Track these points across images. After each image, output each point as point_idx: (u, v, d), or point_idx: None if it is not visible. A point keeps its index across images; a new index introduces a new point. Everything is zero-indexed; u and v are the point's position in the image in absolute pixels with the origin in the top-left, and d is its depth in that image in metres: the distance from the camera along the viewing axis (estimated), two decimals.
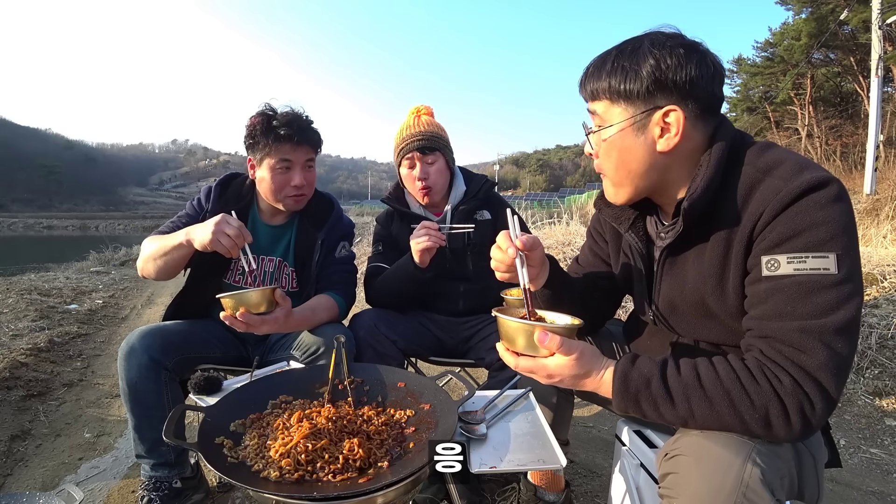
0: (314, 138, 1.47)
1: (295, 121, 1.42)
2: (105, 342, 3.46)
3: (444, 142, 1.63)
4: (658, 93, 0.77)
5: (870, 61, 10.31)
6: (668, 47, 0.77)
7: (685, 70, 0.76)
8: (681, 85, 0.76)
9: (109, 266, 8.36)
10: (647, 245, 0.95)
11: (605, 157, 0.86)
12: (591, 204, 6.41)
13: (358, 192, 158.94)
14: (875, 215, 5.30)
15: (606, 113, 0.83)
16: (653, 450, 0.92)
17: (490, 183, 1.70)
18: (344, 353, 1.05)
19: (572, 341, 0.75)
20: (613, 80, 0.80)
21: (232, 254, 1.24)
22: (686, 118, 0.77)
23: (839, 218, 0.69)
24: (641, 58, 0.77)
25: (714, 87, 0.79)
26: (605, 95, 0.82)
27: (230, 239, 1.22)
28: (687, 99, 0.77)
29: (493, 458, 0.86)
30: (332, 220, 1.58)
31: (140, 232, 31.31)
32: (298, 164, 1.44)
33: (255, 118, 1.43)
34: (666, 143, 0.79)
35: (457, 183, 1.68)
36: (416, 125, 1.62)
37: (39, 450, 1.85)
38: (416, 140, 1.59)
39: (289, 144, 1.41)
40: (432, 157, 1.59)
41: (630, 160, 0.83)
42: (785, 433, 0.66)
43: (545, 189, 68.95)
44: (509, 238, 0.87)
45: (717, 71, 0.79)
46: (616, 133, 0.82)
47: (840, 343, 0.67)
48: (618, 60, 0.80)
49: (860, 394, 2.29)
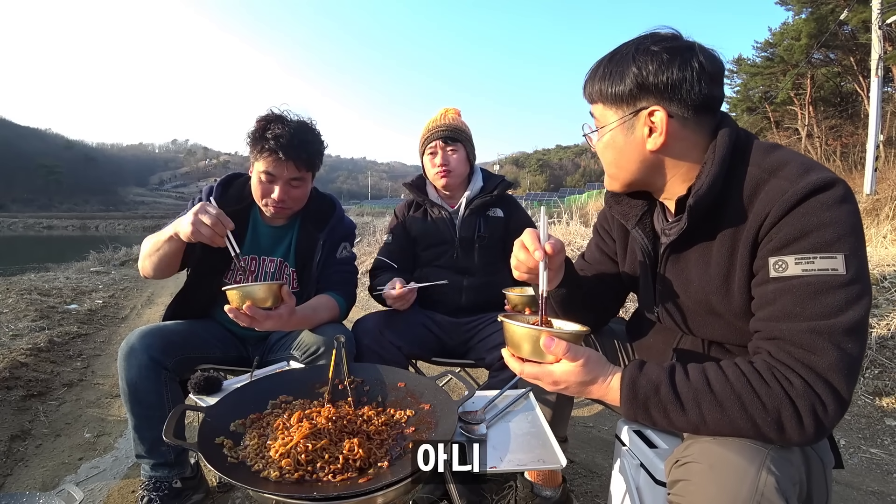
0: (304, 157, 1.40)
1: (286, 136, 1.36)
2: (105, 342, 3.46)
3: (466, 135, 1.74)
4: (641, 95, 0.81)
5: (870, 61, 10.31)
6: (650, 52, 0.80)
7: (665, 73, 0.79)
8: (661, 87, 0.79)
9: (109, 266, 8.37)
10: (654, 242, 0.96)
11: (602, 154, 0.91)
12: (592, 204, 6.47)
13: (358, 192, 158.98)
14: (875, 215, 5.30)
15: (602, 115, 0.88)
16: (653, 450, 0.92)
17: (507, 183, 1.80)
18: (344, 353, 1.05)
19: (579, 347, 0.74)
20: (604, 84, 0.85)
21: (215, 242, 1.22)
22: (672, 118, 0.80)
23: (846, 218, 0.69)
24: (626, 64, 0.82)
25: (703, 87, 0.79)
26: (599, 99, 0.87)
27: (209, 228, 1.20)
28: (670, 100, 0.80)
29: (493, 458, 0.87)
30: (334, 221, 1.58)
31: (140, 232, 31.31)
32: (281, 179, 1.41)
33: (258, 120, 1.43)
34: (653, 143, 0.82)
35: (475, 178, 1.78)
36: (443, 118, 1.74)
37: (39, 450, 1.85)
38: (440, 130, 1.70)
39: (273, 158, 1.37)
40: (454, 146, 1.70)
41: (622, 158, 0.88)
42: (798, 436, 0.65)
43: (545, 189, 68.93)
44: (537, 240, 0.83)
45: (706, 71, 0.79)
46: (609, 134, 0.87)
47: (850, 343, 0.66)
48: (608, 66, 0.85)
49: (860, 394, 2.29)
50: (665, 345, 0.98)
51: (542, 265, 0.82)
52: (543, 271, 0.82)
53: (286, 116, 1.44)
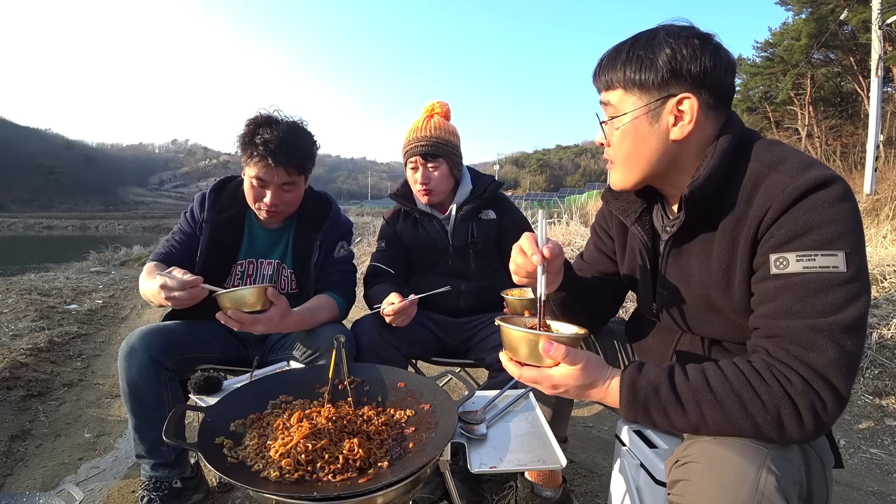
0: (295, 162, 1.38)
1: (275, 141, 1.34)
2: (105, 342, 3.45)
3: (449, 147, 1.62)
4: (673, 81, 0.79)
5: (870, 61, 10.31)
6: (683, 38, 0.78)
7: (700, 60, 0.77)
8: (696, 74, 0.78)
9: (109, 266, 8.37)
10: (654, 239, 0.95)
11: (618, 145, 0.86)
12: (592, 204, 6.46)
13: (358, 191, 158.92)
14: (875, 215, 5.30)
15: (620, 102, 0.84)
16: (653, 450, 0.92)
17: (497, 183, 1.73)
18: (344, 353, 1.05)
19: (578, 350, 0.74)
20: (629, 69, 0.81)
21: (196, 301, 1.22)
22: (700, 107, 0.79)
23: (847, 216, 0.69)
24: (657, 47, 0.79)
25: (727, 78, 0.80)
26: (620, 85, 0.83)
27: (187, 301, 1.20)
28: (701, 88, 0.78)
29: (493, 458, 0.87)
30: (331, 220, 1.57)
31: (140, 232, 31.28)
32: (273, 185, 1.39)
33: (248, 123, 1.40)
34: (680, 131, 0.80)
35: (463, 182, 1.70)
36: (425, 128, 1.62)
37: (39, 450, 1.85)
38: (420, 145, 1.60)
39: (263, 164, 1.35)
40: (434, 163, 1.61)
41: (642, 148, 0.84)
42: (798, 433, 0.65)
43: (545, 189, 68.94)
44: (535, 244, 0.83)
45: (729, 62, 0.80)
46: (630, 121, 0.83)
47: (849, 341, 0.66)
48: (633, 50, 0.81)
49: (860, 394, 2.29)
50: (665, 345, 0.98)
51: (539, 269, 0.81)
52: (541, 275, 0.81)
53: (276, 118, 1.41)
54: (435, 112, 1.67)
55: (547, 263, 0.82)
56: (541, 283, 0.81)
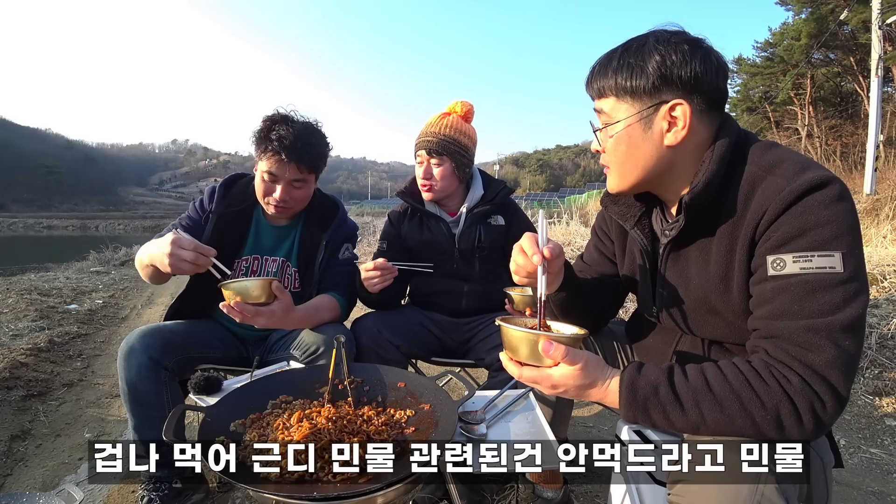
0: (307, 159, 1.41)
1: (290, 137, 1.37)
2: (105, 342, 3.45)
3: (456, 147, 1.60)
4: (664, 88, 0.79)
5: (870, 61, 10.31)
6: (672, 44, 0.78)
7: (690, 65, 0.77)
8: (686, 80, 0.78)
9: (109, 266, 8.36)
10: (653, 242, 0.96)
11: (613, 152, 0.87)
12: (592, 204, 6.47)
13: (358, 192, 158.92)
14: (875, 215, 5.30)
15: (613, 110, 0.84)
16: (653, 450, 0.91)
17: (508, 189, 1.72)
18: (344, 353, 1.05)
19: (577, 351, 0.74)
20: (620, 77, 0.81)
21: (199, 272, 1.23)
22: (692, 112, 0.78)
23: (843, 217, 0.69)
24: (647, 54, 0.79)
25: (719, 82, 0.80)
26: (612, 92, 0.83)
27: (189, 264, 1.20)
28: (692, 93, 0.78)
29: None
30: (337, 222, 1.58)
31: (140, 232, 31.26)
32: (284, 180, 1.41)
33: (264, 120, 1.43)
34: (674, 137, 0.80)
35: (474, 186, 1.68)
36: (437, 125, 1.62)
37: (39, 450, 1.85)
38: (427, 140, 1.61)
39: (276, 158, 1.38)
40: (438, 160, 1.60)
41: (637, 154, 0.84)
42: (798, 433, 0.65)
43: (545, 189, 68.90)
44: (536, 244, 0.83)
45: (720, 66, 0.80)
46: (623, 129, 0.83)
47: (848, 340, 0.66)
48: (623, 58, 0.81)
49: (860, 394, 2.29)
50: (665, 345, 0.98)
51: (540, 269, 0.81)
52: (542, 276, 0.81)
53: (292, 117, 1.44)
54: (454, 111, 1.66)
55: (547, 264, 0.83)
56: (541, 283, 0.81)
